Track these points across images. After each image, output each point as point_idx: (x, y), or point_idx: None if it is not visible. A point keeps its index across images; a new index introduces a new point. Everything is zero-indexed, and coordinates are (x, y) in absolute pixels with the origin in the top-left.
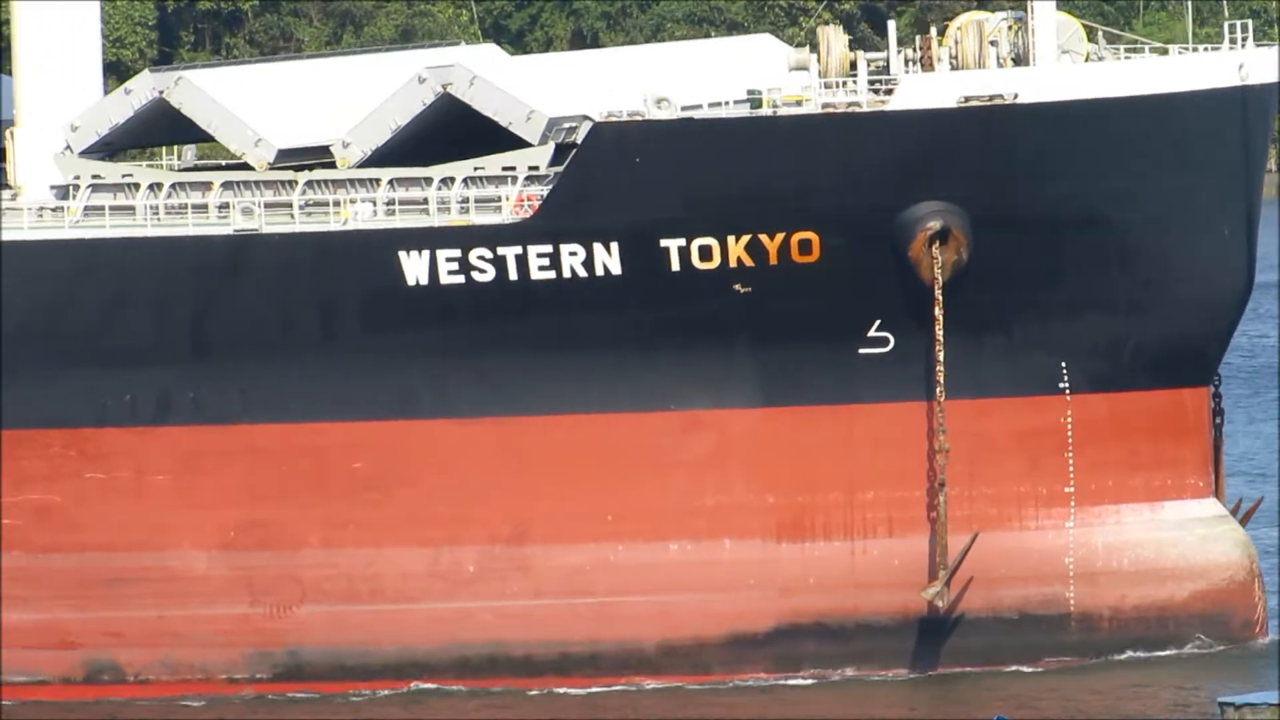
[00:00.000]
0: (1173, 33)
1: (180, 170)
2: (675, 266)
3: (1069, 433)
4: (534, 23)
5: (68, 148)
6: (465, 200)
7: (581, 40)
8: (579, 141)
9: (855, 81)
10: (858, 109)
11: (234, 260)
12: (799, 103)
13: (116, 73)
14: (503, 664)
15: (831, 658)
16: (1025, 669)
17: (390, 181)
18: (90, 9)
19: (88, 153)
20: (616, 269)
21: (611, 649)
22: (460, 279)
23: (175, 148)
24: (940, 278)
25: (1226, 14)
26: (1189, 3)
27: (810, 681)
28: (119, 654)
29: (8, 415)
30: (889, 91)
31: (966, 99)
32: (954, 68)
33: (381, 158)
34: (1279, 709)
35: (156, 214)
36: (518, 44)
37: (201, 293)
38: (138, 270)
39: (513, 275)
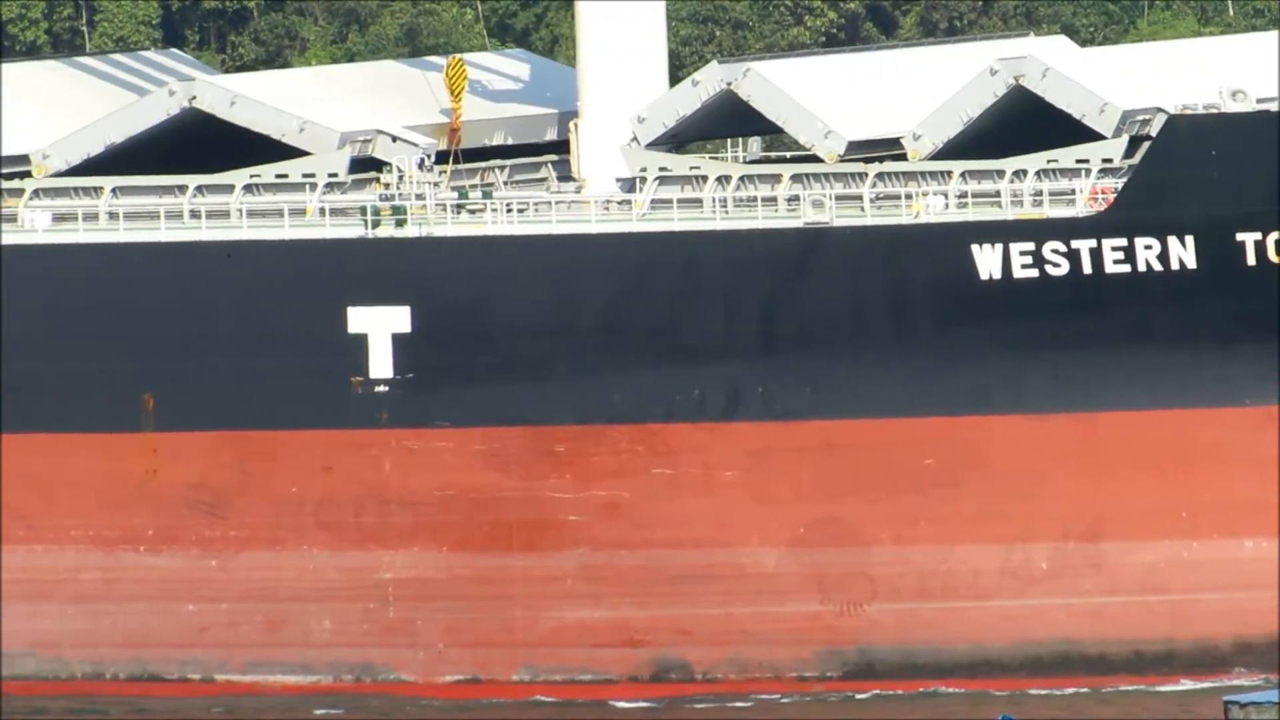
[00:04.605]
0: (1178, 31)
1: (747, 162)
2: (1251, 260)
3: None
4: (539, 22)
5: (634, 139)
6: (1037, 193)
7: None
8: (1152, 134)
9: None
10: None
11: (804, 254)
12: None
13: None
14: (1076, 662)
15: None
16: None
17: (962, 174)
18: (655, 7)
19: (653, 145)
20: (1191, 263)
21: (1187, 647)
22: (1034, 272)
23: (740, 140)
24: None
25: (1231, 12)
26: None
27: None
28: (687, 652)
29: (573, 411)
30: None
31: None
32: None
33: (948, 150)
34: None
35: (724, 207)
36: (522, 43)
37: (770, 286)
38: (706, 264)
39: (1086, 269)
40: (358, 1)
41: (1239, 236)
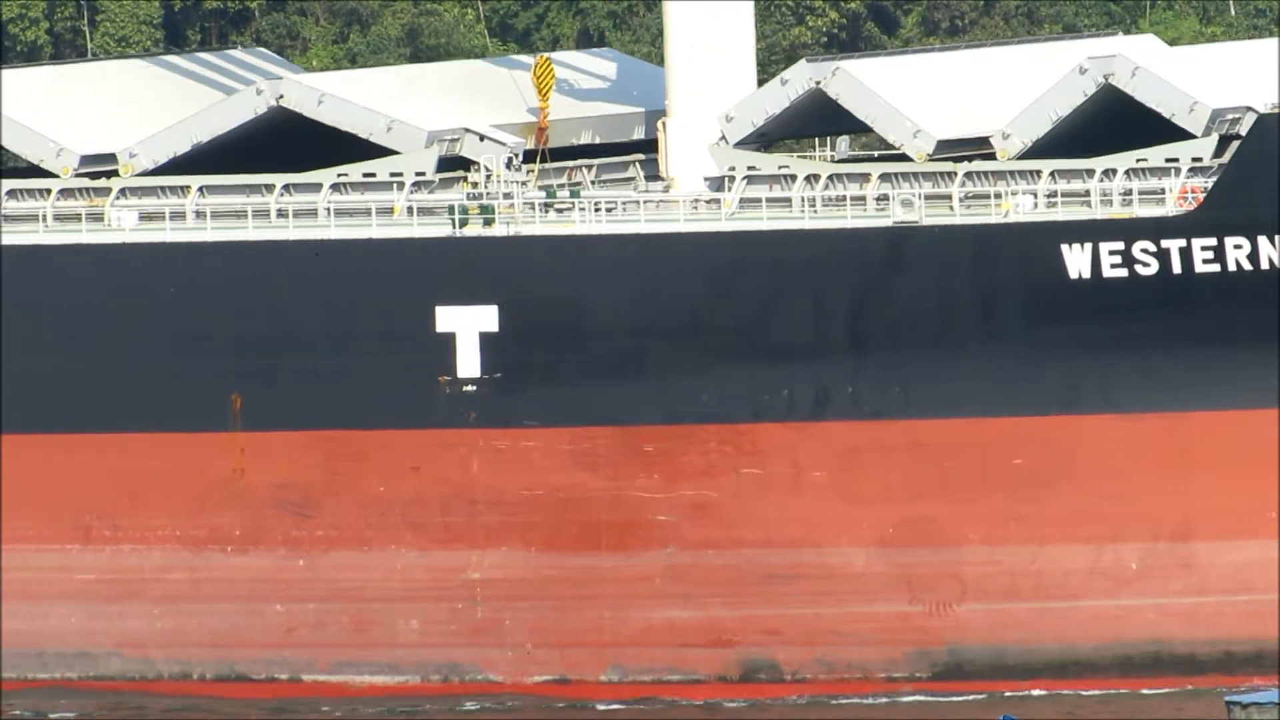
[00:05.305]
0: (1179, 31)
1: (835, 161)
2: None
3: None
4: (540, 22)
5: (722, 138)
6: (1126, 192)
7: (588, 40)
8: (1242, 133)
9: None
10: None
11: (893, 253)
12: None
13: None
14: (1166, 662)
15: None
16: None
17: (1051, 173)
18: (743, 7)
19: (742, 144)
20: None
21: (1276, 647)
22: (1123, 272)
23: (828, 139)
24: None
25: (1233, 12)
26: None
27: None
28: (776, 652)
29: (661, 410)
30: None
31: None
32: None
33: (1037, 149)
34: None
35: (813, 206)
36: (524, 43)
37: (859, 285)
38: (795, 263)
39: (1176, 269)
40: (359, 2)
41: None
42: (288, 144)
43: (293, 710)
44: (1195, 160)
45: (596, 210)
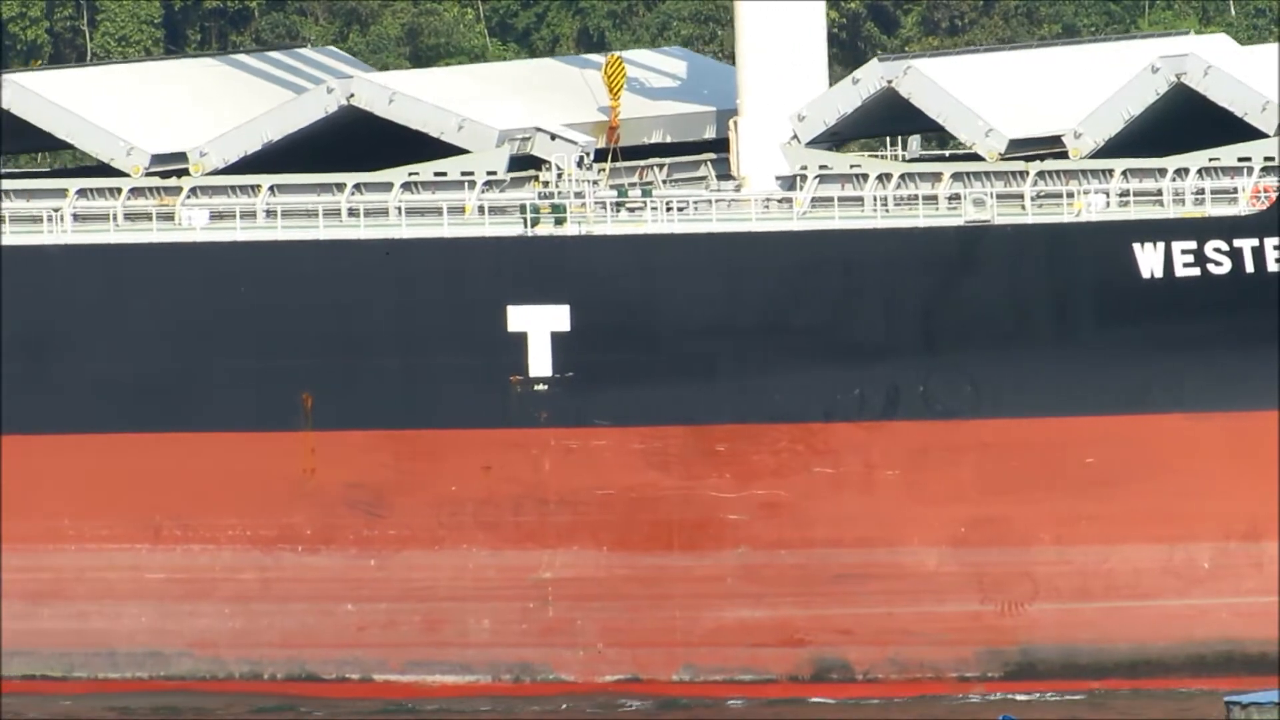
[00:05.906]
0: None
1: (907, 160)
2: None
3: None
4: (540, 21)
5: (794, 138)
6: (1199, 191)
7: (588, 39)
8: None
9: None
10: None
11: (965, 252)
12: None
13: None
14: (1238, 662)
15: None
16: None
17: (1123, 172)
18: (815, 7)
19: (814, 143)
20: None
21: None
22: (1195, 271)
23: (899, 138)
24: None
25: (1233, 12)
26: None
27: None
28: (848, 652)
29: (733, 410)
30: None
31: None
32: None
33: (1109, 148)
34: None
35: (885, 205)
36: (524, 43)
37: (931, 285)
38: (867, 262)
39: (1248, 267)
40: (359, 1)
41: None
42: (358, 143)
43: (361, 709)
44: (1268, 159)
45: (668, 209)
